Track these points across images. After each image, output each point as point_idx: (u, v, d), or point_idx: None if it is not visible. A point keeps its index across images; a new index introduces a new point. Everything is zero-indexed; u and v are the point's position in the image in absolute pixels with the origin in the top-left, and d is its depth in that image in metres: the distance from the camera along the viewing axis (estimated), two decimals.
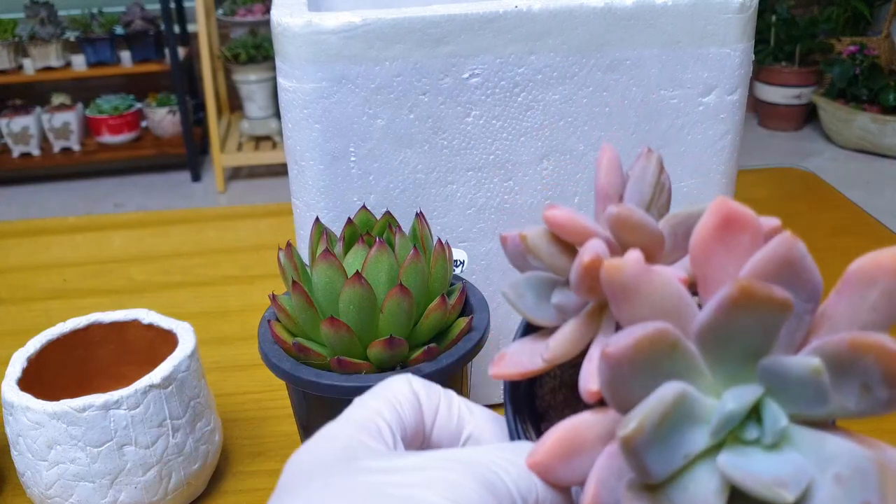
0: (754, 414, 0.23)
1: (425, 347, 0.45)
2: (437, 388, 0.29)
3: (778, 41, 3.26)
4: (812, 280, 0.23)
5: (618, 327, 0.26)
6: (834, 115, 3.10)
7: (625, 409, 0.22)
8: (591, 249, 0.24)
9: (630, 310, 0.23)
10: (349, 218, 0.49)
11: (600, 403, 0.24)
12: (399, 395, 0.28)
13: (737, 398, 0.22)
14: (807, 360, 0.21)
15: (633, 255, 0.23)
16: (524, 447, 0.26)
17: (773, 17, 3.24)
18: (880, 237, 0.90)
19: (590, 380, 0.24)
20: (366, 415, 0.27)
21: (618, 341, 0.21)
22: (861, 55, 3.04)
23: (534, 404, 0.30)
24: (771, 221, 0.25)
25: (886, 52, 3.15)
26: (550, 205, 0.27)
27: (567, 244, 0.27)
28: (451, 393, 0.29)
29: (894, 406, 0.21)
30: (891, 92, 2.95)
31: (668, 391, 0.21)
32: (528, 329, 0.30)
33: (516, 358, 0.28)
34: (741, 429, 0.22)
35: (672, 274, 0.23)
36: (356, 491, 0.24)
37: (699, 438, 0.22)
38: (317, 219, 0.49)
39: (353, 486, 0.24)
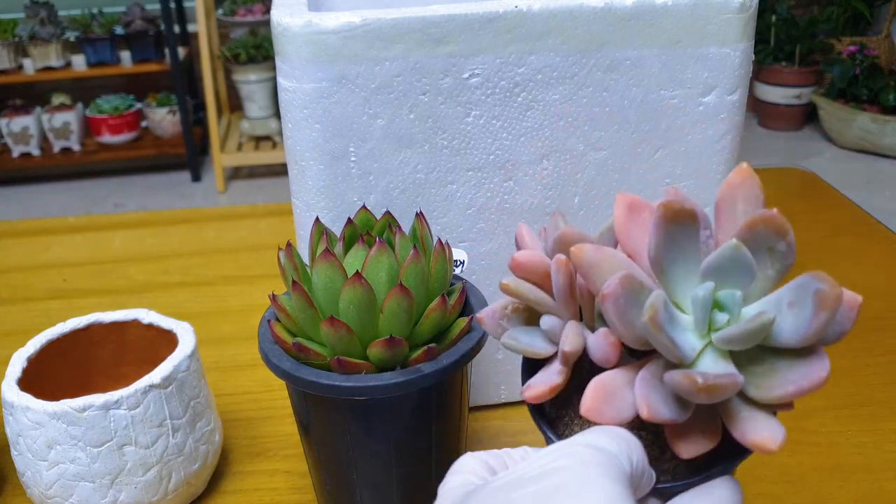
0: (716, 308, 0.31)
1: (425, 347, 0.45)
2: (494, 451, 0.33)
3: (778, 41, 3.26)
4: (701, 212, 0.31)
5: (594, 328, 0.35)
6: (834, 115, 3.10)
7: (631, 334, 0.30)
8: (559, 257, 0.33)
9: (597, 276, 0.31)
10: (349, 218, 0.49)
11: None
12: (471, 466, 0.32)
13: (701, 289, 0.30)
14: (728, 244, 0.29)
15: (588, 244, 0.32)
16: (599, 429, 0.31)
17: (773, 17, 3.23)
18: (880, 237, 0.90)
19: (601, 347, 0.32)
20: (457, 481, 0.31)
21: (606, 286, 0.30)
22: (861, 55, 3.04)
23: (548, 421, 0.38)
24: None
25: (886, 52, 3.15)
26: (511, 265, 0.35)
27: (534, 280, 0.35)
28: (505, 449, 0.34)
29: (792, 252, 0.29)
30: (891, 92, 2.95)
31: (657, 293, 0.29)
32: (528, 368, 0.37)
33: (539, 382, 0.35)
34: (714, 322, 0.30)
35: (615, 250, 0.33)
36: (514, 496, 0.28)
37: (694, 340, 0.31)
38: (317, 219, 0.49)
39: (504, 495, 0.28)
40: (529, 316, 0.37)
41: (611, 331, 0.31)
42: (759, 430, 0.29)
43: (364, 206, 0.50)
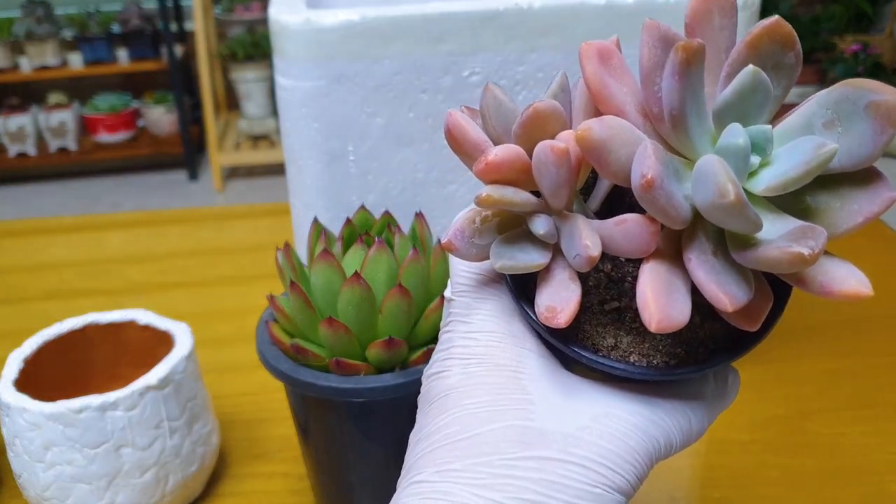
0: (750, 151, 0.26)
1: (425, 348, 0.45)
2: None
3: None
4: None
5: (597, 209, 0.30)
6: None
7: (679, 216, 0.25)
8: (556, 146, 0.26)
9: (611, 156, 0.25)
10: (348, 218, 0.49)
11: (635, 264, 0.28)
12: None
13: (734, 135, 0.25)
14: (745, 72, 0.25)
15: (589, 120, 0.26)
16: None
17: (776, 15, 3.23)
18: (883, 237, 0.90)
19: (638, 238, 0.26)
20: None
21: (643, 170, 0.24)
22: (864, 54, 3.04)
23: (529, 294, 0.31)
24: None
25: (890, 50, 3.15)
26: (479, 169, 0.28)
27: (510, 180, 0.29)
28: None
29: (800, 61, 0.26)
30: None
31: (713, 158, 0.24)
32: (517, 285, 0.30)
33: (561, 300, 0.28)
34: (751, 167, 0.26)
35: (613, 115, 0.27)
36: None
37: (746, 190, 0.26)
38: (315, 219, 0.49)
39: None
40: (501, 223, 0.30)
41: (653, 216, 0.26)
42: (845, 279, 0.25)
43: (363, 206, 0.50)
